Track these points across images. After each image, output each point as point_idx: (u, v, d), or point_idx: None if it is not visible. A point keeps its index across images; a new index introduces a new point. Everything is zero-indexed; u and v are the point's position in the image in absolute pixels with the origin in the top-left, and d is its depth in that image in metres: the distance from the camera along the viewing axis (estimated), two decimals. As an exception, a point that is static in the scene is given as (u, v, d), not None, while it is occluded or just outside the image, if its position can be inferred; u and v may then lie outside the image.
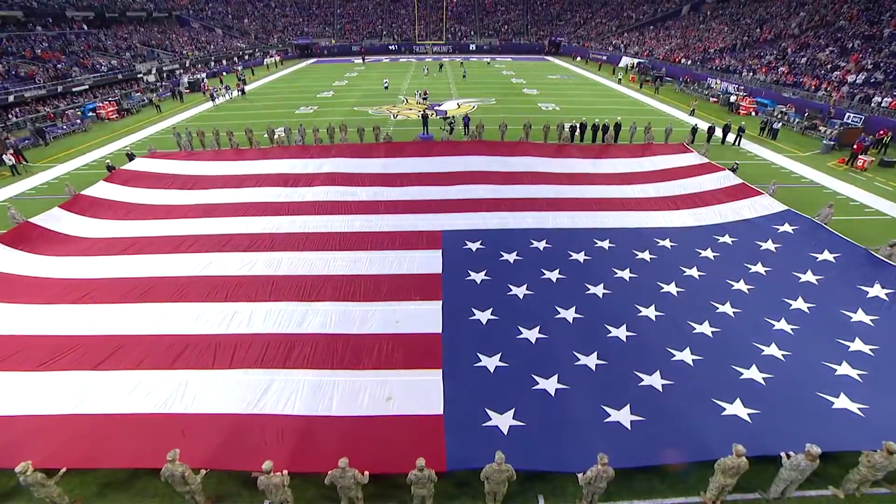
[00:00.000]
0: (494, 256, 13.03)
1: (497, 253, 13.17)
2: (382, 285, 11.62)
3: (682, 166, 19.35)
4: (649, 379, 8.70)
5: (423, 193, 17.12)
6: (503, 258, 12.95)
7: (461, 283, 11.80)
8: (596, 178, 18.63)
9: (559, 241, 13.91)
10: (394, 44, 68.70)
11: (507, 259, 12.90)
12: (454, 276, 12.02)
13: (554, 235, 14.19)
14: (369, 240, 13.89)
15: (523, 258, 12.95)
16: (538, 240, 13.89)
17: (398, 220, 15.22)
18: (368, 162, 19.69)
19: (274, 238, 14.08)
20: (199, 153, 21.39)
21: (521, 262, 12.79)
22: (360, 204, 16.38)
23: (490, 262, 12.69)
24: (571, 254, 13.16)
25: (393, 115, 30.34)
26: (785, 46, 40.44)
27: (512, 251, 13.22)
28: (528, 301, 11.14)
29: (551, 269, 12.35)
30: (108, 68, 39.36)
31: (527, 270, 12.35)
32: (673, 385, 8.56)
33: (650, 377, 8.72)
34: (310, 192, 17.26)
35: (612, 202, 16.59)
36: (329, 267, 12.50)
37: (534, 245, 13.65)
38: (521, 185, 17.81)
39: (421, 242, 13.68)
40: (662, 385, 8.57)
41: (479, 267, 12.42)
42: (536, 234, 14.26)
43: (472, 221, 15.04)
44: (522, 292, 11.42)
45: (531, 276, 12.09)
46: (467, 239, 13.88)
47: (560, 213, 15.63)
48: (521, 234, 14.27)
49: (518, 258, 12.94)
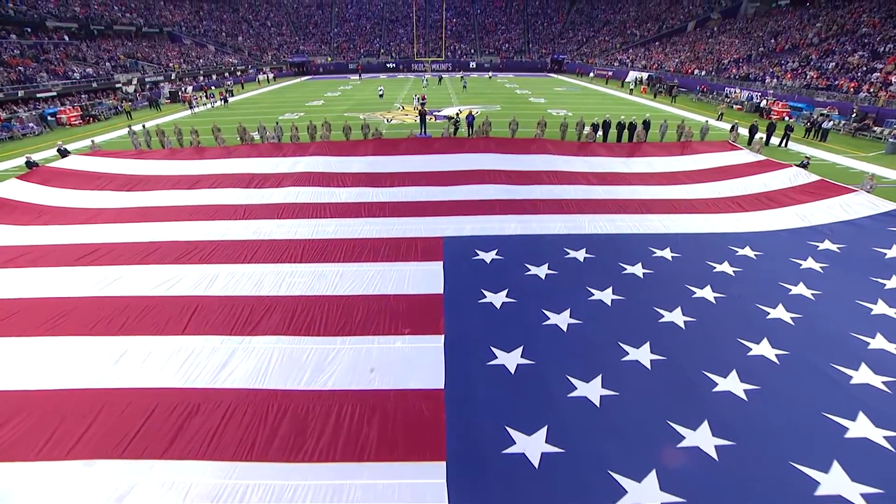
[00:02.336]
0: (518, 270, 9.30)
1: (521, 265, 9.45)
2: (355, 311, 7.85)
3: (736, 164, 15.89)
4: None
5: (420, 194, 13.55)
6: (530, 272, 9.22)
7: (472, 308, 8.05)
8: (632, 178, 15.10)
9: (604, 249, 10.23)
10: (392, 62, 66.87)
11: (535, 273, 9.17)
12: (462, 299, 8.28)
13: (595, 242, 10.52)
14: (344, 248, 10.19)
15: (558, 272, 9.22)
16: (574, 248, 10.20)
17: (386, 223, 11.59)
18: (352, 160, 16.20)
19: (216, 247, 10.38)
20: (152, 152, 17.93)
21: (557, 277, 9.06)
22: (337, 206, 12.77)
23: (513, 278, 8.96)
24: (625, 266, 9.43)
25: (387, 120, 27.16)
26: (807, 54, 38.01)
27: (541, 263, 9.50)
28: (575, 335, 7.36)
29: (601, 287, 8.61)
30: (83, 76, 36.54)
31: (567, 290, 8.60)
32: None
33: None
34: (276, 194, 13.67)
35: (659, 204, 12.99)
36: (282, 285, 8.75)
37: (570, 255, 9.95)
38: (541, 185, 14.26)
39: (414, 251, 9.99)
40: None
41: (497, 284, 8.67)
42: (571, 240, 10.58)
43: (484, 226, 11.40)
44: (565, 321, 7.64)
45: (575, 297, 8.34)
46: (479, 247, 10.19)
47: (597, 217, 12.00)
48: (550, 242, 10.60)
49: (551, 272, 9.21)
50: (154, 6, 61.62)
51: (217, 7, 70.19)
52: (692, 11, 62.29)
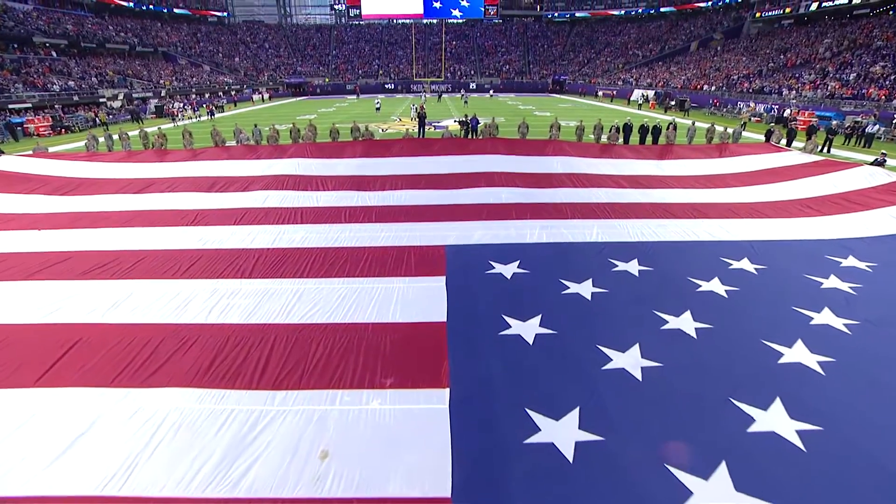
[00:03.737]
0: (552, 288, 6.62)
1: (554, 282, 6.77)
2: (313, 350, 5.15)
3: (791, 165, 13.46)
4: None
5: (416, 198, 11.01)
6: (570, 291, 6.54)
7: (492, 344, 5.34)
8: (671, 181, 12.62)
9: (662, 260, 7.60)
10: (390, 82, 65.87)
11: (576, 293, 6.49)
12: (475, 330, 5.60)
13: (648, 252, 7.89)
14: (310, 260, 7.54)
15: (609, 290, 6.54)
16: (623, 258, 7.56)
17: (370, 230, 8.99)
18: (337, 162, 13.72)
19: (141, 259, 7.73)
20: (105, 154, 15.50)
21: (609, 298, 6.38)
22: (311, 211, 10.20)
23: (546, 300, 6.27)
24: (698, 282, 6.77)
25: (382, 129, 24.98)
26: (823, 67, 36.50)
27: (582, 278, 6.83)
28: (655, 383, 4.65)
29: (674, 311, 5.92)
30: (63, 89, 34.70)
31: (627, 315, 5.94)
32: None
33: None
34: (239, 198, 11.13)
35: (714, 207, 10.46)
36: (214, 309, 6.06)
37: (619, 267, 7.29)
38: (564, 189, 11.75)
39: (406, 263, 7.34)
40: None
41: (525, 308, 5.97)
42: (617, 250, 7.96)
43: (499, 232, 8.80)
44: (636, 364, 4.94)
45: (643, 327, 5.65)
46: (494, 258, 7.53)
47: (642, 222, 9.43)
48: (589, 251, 7.97)
49: (599, 290, 6.53)
50: (151, 27, 61.05)
51: (215, 29, 69.82)
52: (694, 32, 61.88)
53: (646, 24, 69.99)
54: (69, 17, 51.01)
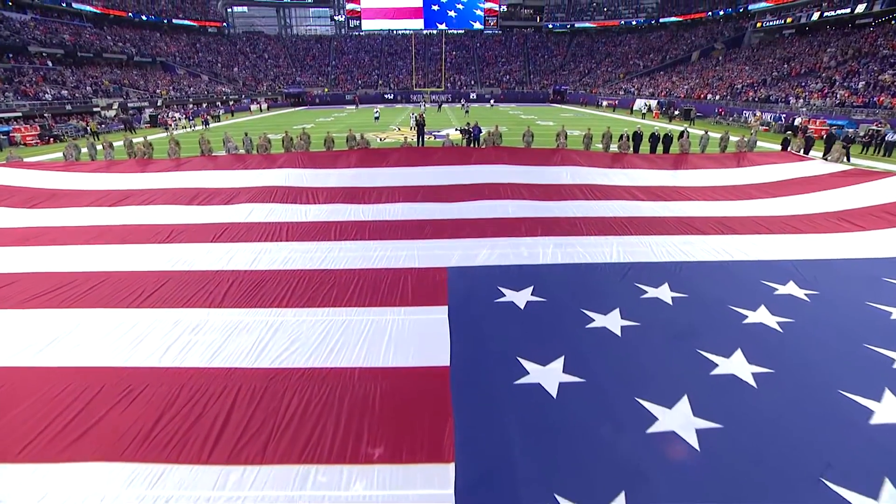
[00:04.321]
0: (574, 321, 5.61)
1: (576, 312, 5.76)
2: (286, 404, 4.13)
3: (820, 175, 12.52)
4: None
5: (413, 211, 10.06)
6: (596, 325, 5.52)
7: (506, 396, 4.31)
8: (689, 193, 11.68)
9: (696, 285, 6.59)
10: (390, 92, 65.42)
11: (603, 327, 5.48)
12: (485, 378, 4.57)
13: (678, 275, 6.89)
14: (292, 284, 6.53)
15: (640, 324, 5.52)
16: (651, 283, 6.55)
17: (362, 248, 8.01)
18: (329, 173, 12.79)
19: (99, 282, 6.73)
20: (83, 164, 14.55)
21: (642, 333, 5.36)
22: (298, 226, 9.23)
23: (570, 337, 5.27)
24: (743, 312, 5.76)
25: (380, 139, 24.15)
26: (829, 75, 35.88)
27: (608, 307, 5.81)
28: (713, 450, 3.62)
29: (724, 351, 4.90)
30: (55, 98, 33.99)
31: (667, 357, 4.92)
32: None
33: None
34: (221, 212, 10.19)
35: (743, 222, 9.48)
36: (172, 348, 5.04)
37: (648, 293, 6.28)
38: (576, 201, 10.81)
39: (402, 290, 6.33)
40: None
41: (543, 349, 4.95)
42: (642, 272, 6.96)
43: (507, 251, 7.81)
44: (687, 422, 3.91)
45: (689, 372, 4.64)
46: (504, 283, 6.53)
47: (666, 239, 8.45)
48: (610, 274, 6.97)
49: (630, 324, 5.51)
50: (150, 38, 60.71)
51: (214, 40, 69.60)
52: (695, 42, 61.62)
53: (646, 34, 69.84)
54: (67, 28, 50.59)
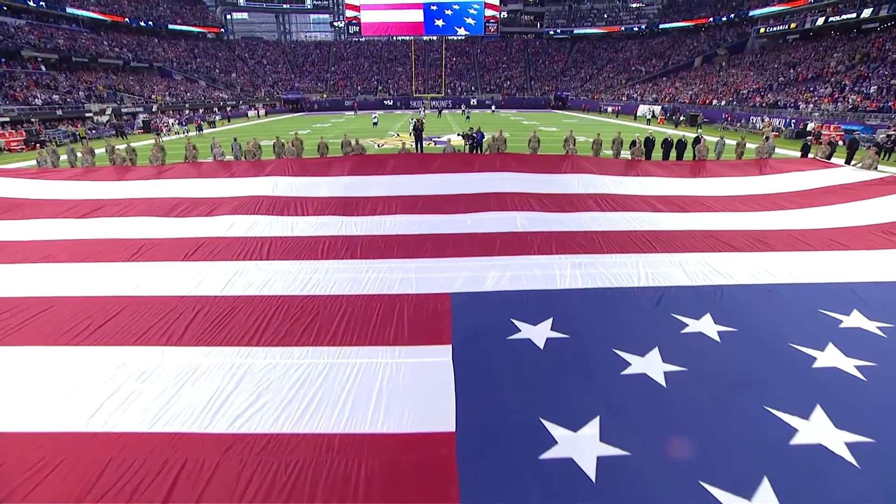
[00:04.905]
0: (605, 366, 4.59)
1: (607, 354, 4.74)
2: (244, 486, 3.11)
3: (851, 183, 11.55)
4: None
5: (412, 224, 9.08)
6: (632, 371, 4.50)
7: (532, 477, 3.29)
8: (712, 203, 10.70)
9: (743, 314, 5.58)
10: (389, 98, 64.75)
11: (643, 374, 4.45)
12: (503, 452, 3.54)
13: (720, 303, 5.88)
14: (267, 317, 5.52)
15: (687, 368, 4.50)
16: (691, 312, 5.54)
17: (353, 268, 7.01)
18: (321, 181, 11.82)
19: (43, 311, 5.73)
20: (56, 171, 13.63)
21: (690, 382, 4.33)
22: (283, 242, 8.24)
23: (603, 390, 4.25)
24: (810, 353, 4.74)
25: (377, 145, 23.25)
26: (839, 80, 35.12)
27: (644, 348, 4.80)
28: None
29: (799, 408, 3.90)
30: (45, 103, 33.15)
31: (728, 418, 3.90)
32: None
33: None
34: (199, 225, 9.21)
35: (779, 237, 8.49)
36: (114, 410, 4.02)
37: (690, 327, 5.27)
38: (590, 213, 9.83)
39: (398, 325, 5.32)
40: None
41: (572, 408, 3.94)
42: (677, 299, 5.95)
43: (518, 273, 6.80)
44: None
45: (761, 440, 3.62)
46: (518, 313, 5.52)
47: (696, 258, 7.46)
48: (641, 302, 5.95)
49: (673, 369, 4.49)
50: (147, 43, 60.14)
51: (212, 45, 69.08)
52: (697, 48, 61.03)
53: (647, 40, 69.32)
54: (62, 33, 49.96)
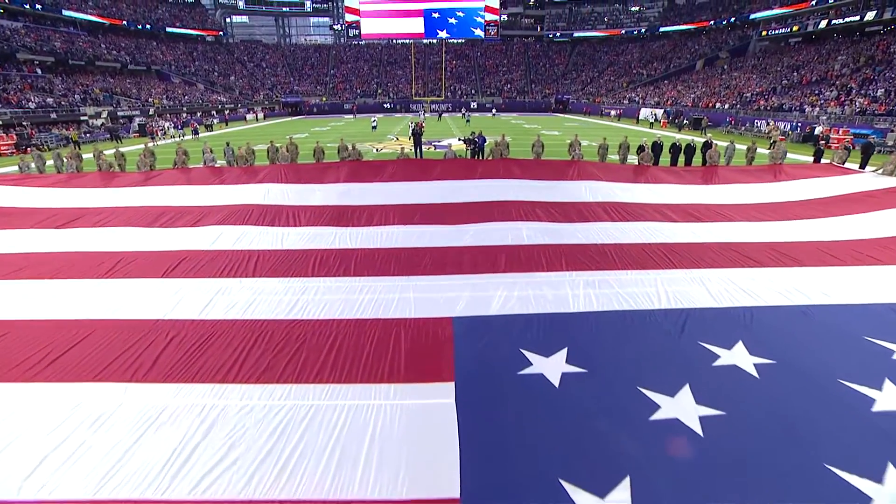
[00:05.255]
0: (630, 409, 3.98)
1: (632, 394, 4.13)
2: None
3: (875, 191, 10.97)
4: None
5: (411, 236, 8.49)
6: (662, 416, 3.89)
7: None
8: (728, 212, 10.10)
9: (780, 343, 4.97)
10: (389, 102, 64.30)
11: (675, 419, 3.83)
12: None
13: (752, 327, 5.28)
14: (252, 345, 4.92)
15: (726, 412, 3.88)
16: (721, 340, 4.92)
17: (348, 288, 6.41)
18: (316, 189, 11.23)
19: None
20: (39, 177, 13.04)
21: (731, 431, 3.72)
22: (271, 256, 7.64)
23: (630, 440, 3.64)
24: (862, 391, 4.13)
25: (376, 149, 22.69)
26: (844, 83, 34.60)
27: (674, 384, 4.19)
28: None
29: (867, 469, 3.29)
30: (39, 106, 32.63)
31: (777, 475, 3.29)
32: None
33: None
34: (183, 237, 8.62)
35: (803, 250, 7.89)
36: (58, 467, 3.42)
37: (722, 358, 4.64)
38: (600, 223, 9.24)
39: (395, 355, 4.72)
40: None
41: (596, 464, 3.34)
42: (704, 323, 5.35)
43: (529, 292, 6.20)
44: None
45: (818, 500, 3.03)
46: (529, 342, 4.91)
47: (721, 274, 6.86)
48: (666, 326, 5.34)
49: (710, 413, 3.88)
50: (146, 46, 59.70)
51: (211, 48, 68.69)
52: (698, 51, 60.62)
53: (648, 43, 68.94)
54: (60, 35, 49.52)
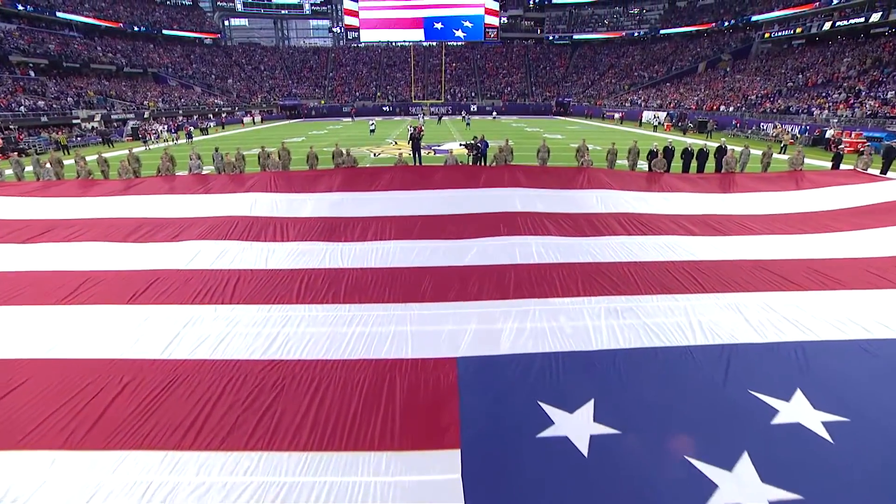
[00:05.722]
0: (679, 486, 3.20)
1: (681, 465, 3.36)
2: None
3: (907, 200, 10.24)
4: None
5: (410, 254, 7.69)
6: (721, 500, 3.11)
7: None
8: (754, 224, 9.32)
9: (849, 392, 4.17)
10: (388, 104, 63.66)
11: (739, 505, 3.09)
12: None
13: (810, 371, 4.49)
14: (221, 393, 4.12)
15: (803, 496, 3.11)
16: (773, 389, 4.12)
17: (337, 319, 5.62)
18: (307, 199, 10.42)
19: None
20: (11, 185, 12.22)
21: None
22: (254, 279, 6.85)
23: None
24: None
25: (374, 154, 21.93)
26: (852, 85, 33.95)
27: (724, 451, 3.39)
28: None
29: None
30: (30, 109, 31.90)
31: None
32: None
33: None
34: (159, 253, 7.84)
35: (846, 270, 7.10)
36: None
37: (781, 414, 3.84)
38: (615, 237, 8.47)
39: (387, 413, 3.91)
40: None
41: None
42: (749, 364, 4.56)
43: (543, 324, 5.41)
44: None
45: None
46: (547, 392, 4.11)
47: (759, 299, 6.09)
48: (707, 370, 4.55)
49: (785, 497, 3.09)
50: (142, 49, 59.07)
51: (209, 51, 68.06)
52: (701, 53, 60.09)
53: (649, 45, 68.42)
54: (54, 37, 48.86)
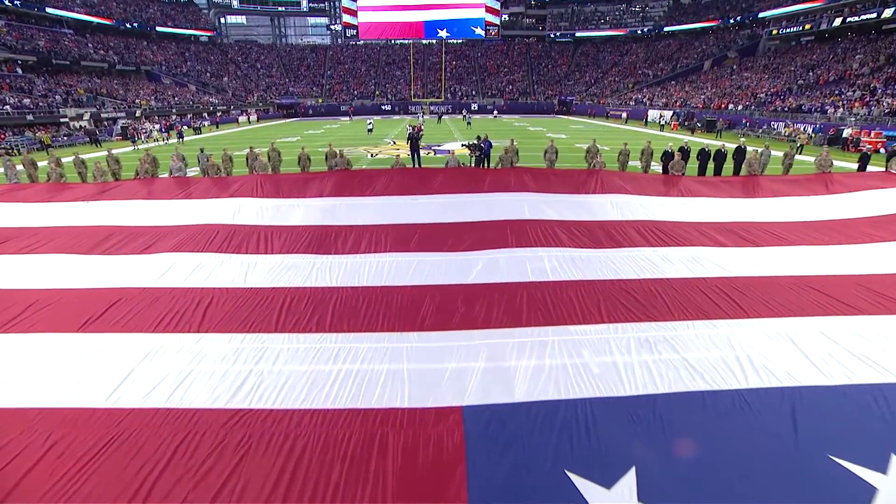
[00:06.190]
0: None
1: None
2: None
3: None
4: None
5: (407, 270, 6.82)
6: None
7: None
8: (785, 233, 8.47)
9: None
10: (387, 103, 62.68)
11: None
12: None
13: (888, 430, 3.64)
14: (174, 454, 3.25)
15: None
16: (860, 454, 3.24)
17: (322, 351, 4.74)
18: (296, 204, 9.54)
19: None
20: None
21: None
22: (230, 299, 5.97)
23: None
24: None
25: (370, 154, 21.02)
26: (865, 83, 33.04)
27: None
28: None
29: None
30: (14, 107, 30.95)
31: None
32: None
33: None
34: (127, 268, 6.96)
35: None
36: None
37: (881, 495, 3.02)
38: (635, 249, 7.62)
39: (377, 481, 3.05)
40: None
41: None
42: (819, 416, 3.67)
43: (563, 360, 4.52)
44: None
45: None
46: (575, 461, 3.23)
47: (806, 326, 5.23)
48: (767, 420, 3.69)
49: None
50: (136, 46, 58.03)
51: (204, 49, 67.04)
52: (706, 51, 59.11)
53: (653, 42, 67.45)
54: (45, 34, 47.86)
